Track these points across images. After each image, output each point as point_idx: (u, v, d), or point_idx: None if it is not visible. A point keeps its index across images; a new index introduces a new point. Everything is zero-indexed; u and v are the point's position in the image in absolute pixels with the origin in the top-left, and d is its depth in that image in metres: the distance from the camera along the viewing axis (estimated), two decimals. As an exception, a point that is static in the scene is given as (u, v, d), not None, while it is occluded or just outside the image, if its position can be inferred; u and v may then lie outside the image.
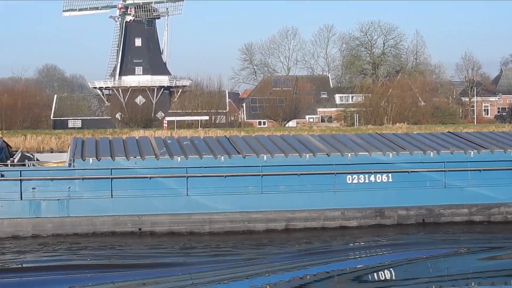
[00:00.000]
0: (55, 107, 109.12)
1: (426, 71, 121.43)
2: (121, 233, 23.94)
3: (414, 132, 32.91)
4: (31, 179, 23.96)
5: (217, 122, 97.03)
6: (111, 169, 24.15)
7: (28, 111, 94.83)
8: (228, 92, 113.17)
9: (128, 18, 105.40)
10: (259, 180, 24.82)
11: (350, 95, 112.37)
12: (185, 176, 24.41)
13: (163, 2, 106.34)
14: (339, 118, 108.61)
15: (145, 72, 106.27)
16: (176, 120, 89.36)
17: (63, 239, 23.49)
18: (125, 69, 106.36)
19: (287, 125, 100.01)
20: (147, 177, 24.27)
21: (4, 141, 27.14)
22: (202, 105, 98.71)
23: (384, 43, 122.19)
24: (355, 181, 25.43)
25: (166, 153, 24.93)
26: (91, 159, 24.21)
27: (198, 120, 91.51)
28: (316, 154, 25.43)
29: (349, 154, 25.49)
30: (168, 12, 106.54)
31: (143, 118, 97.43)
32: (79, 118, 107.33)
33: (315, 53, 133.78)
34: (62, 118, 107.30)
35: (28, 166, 25.02)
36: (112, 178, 24.09)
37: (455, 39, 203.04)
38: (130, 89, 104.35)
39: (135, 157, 24.52)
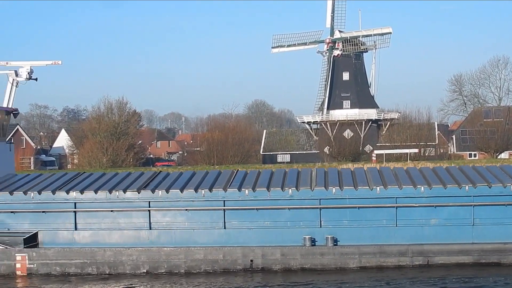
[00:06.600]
0: (264, 142, 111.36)
1: None
2: None
3: None
4: None
5: (426, 154, 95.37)
6: None
7: (239, 146, 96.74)
8: (437, 124, 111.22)
9: (336, 52, 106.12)
10: None
11: None
12: None
13: (371, 35, 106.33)
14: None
15: (353, 106, 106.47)
16: (385, 153, 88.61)
17: None
18: (333, 103, 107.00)
19: (499, 157, 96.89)
20: None
21: None
22: (411, 138, 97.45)
23: None
24: None
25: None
26: None
27: (407, 153, 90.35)
28: None
29: None
30: (375, 45, 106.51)
31: (351, 152, 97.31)
32: (288, 152, 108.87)
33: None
34: (271, 153, 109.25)
35: None
36: None
37: None
38: (338, 123, 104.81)
39: None
